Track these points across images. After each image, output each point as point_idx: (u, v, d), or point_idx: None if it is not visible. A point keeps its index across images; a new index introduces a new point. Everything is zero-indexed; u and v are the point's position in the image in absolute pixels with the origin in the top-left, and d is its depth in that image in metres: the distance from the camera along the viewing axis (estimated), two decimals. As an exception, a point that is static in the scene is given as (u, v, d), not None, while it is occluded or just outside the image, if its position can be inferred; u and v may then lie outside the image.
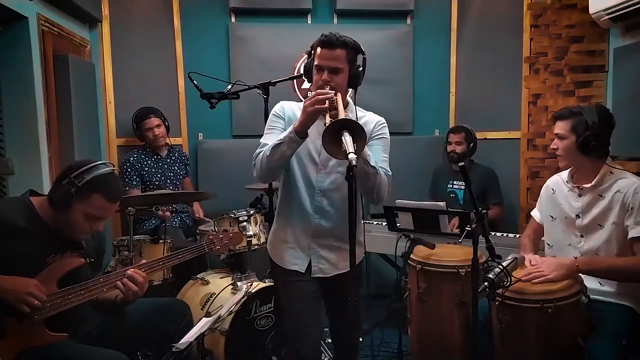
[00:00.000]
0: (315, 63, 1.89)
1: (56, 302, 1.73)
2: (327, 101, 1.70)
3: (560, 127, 2.10)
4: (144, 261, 2.00)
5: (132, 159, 3.43)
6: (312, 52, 1.92)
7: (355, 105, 1.94)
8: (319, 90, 1.77)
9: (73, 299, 1.76)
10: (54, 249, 1.82)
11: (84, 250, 1.93)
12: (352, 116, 1.88)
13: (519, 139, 3.98)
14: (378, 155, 1.91)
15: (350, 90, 1.96)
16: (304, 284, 1.98)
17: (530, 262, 2.08)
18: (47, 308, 1.71)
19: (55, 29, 2.98)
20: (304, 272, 1.98)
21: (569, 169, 2.20)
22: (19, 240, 1.74)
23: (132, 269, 1.91)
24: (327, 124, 1.60)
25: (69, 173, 1.80)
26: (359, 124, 1.59)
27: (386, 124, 2.01)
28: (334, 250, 1.99)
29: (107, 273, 1.99)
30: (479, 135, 3.57)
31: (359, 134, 1.56)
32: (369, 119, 1.99)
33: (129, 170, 3.40)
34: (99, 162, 1.85)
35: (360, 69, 1.92)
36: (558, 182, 2.25)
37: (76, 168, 1.81)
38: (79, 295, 1.78)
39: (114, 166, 1.91)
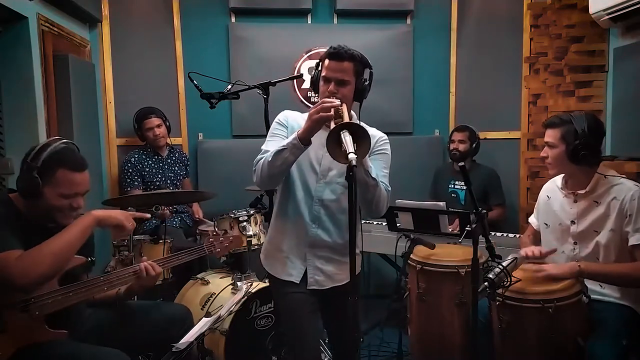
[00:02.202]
0: (323, 74, 1.89)
1: (57, 299, 1.73)
2: (332, 109, 1.71)
3: (550, 135, 2.08)
4: (144, 258, 2.03)
5: (133, 159, 3.43)
6: (320, 63, 1.93)
7: (359, 119, 1.93)
8: (324, 99, 1.78)
9: (73, 297, 1.77)
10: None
11: None
12: None
13: (519, 139, 3.98)
14: (379, 170, 1.90)
15: (355, 103, 1.96)
16: (300, 296, 1.94)
17: (526, 253, 2.09)
18: (48, 304, 1.71)
19: (55, 29, 2.98)
20: (298, 282, 1.95)
21: (562, 175, 2.20)
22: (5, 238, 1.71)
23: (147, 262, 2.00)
24: (331, 128, 1.60)
25: (25, 159, 1.77)
26: (363, 128, 1.59)
27: (388, 141, 2.01)
28: (330, 262, 1.96)
29: (107, 273, 2.00)
30: (479, 135, 3.57)
31: (363, 139, 1.56)
32: (371, 134, 1.97)
33: (130, 170, 3.41)
34: (50, 140, 1.82)
35: (367, 82, 1.92)
36: (553, 188, 2.24)
37: (29, 153, 1.78)
38: (80, 293, 1.78)
39: (67, 139, 1.87)
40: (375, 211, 1.88)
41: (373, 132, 2.01)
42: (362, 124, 1.90)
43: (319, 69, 1.93)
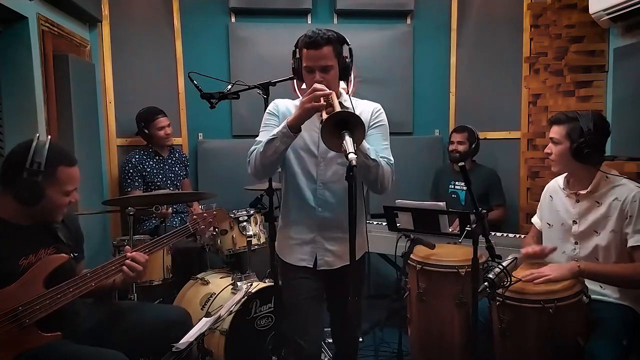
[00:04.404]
0: (305, 65, 1.89)
1: (45, 304, 1.68)
2: (322, 98, 1.71)
3: (556, 131, 2.09)
4: (128, 248, 1.95)
5: (133, 159, 3.43)
6: (298, 52, 1.92)
7: (349, 95, 1.93)
8: (315, 86, 1.76)
9: (62, 298, 1.72)
10: (26, 249, 1.76)
11: (58, 243, 1.87)
12: (347, 106, 1.88)
13: (519, 139, 3.98)
14: (378, 145, 1.90)
15: (342, 82, 1.96)
16: (307, 281, 1.98)
17: (527, 252, 2.10)
18: (37, 310, 1.67)
19: (55, 29, 2.97)
20: (311, 267, 1.99)
21: (564, 175, 2.20)
22: None
23: (131, 252, 1.90)
24: (324, 118, 1.60)
25: (20, 165, 1.69)
26: (356, 115, 1.59)
27: (382, 110, 2.00)
28: (339, 242, 1.98)
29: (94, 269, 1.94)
30: (479, 135, 3.57)
31: (357, 127, 1.56)
32: (365, 108, 1.98)
33: (130, 170, 3.40)
34: (31, 141, 1.74)
35: (349, 59, 1.91)
36: (555, 188, 2.24)
37: (22, 157, 1.70)
38: (68, 293, 1.73)
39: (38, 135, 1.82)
40: (380, 189, 1.88)
41: (365, 105, 2.00)
42: (353, 99, 1.91)
43: (297, 57, 1.92)
